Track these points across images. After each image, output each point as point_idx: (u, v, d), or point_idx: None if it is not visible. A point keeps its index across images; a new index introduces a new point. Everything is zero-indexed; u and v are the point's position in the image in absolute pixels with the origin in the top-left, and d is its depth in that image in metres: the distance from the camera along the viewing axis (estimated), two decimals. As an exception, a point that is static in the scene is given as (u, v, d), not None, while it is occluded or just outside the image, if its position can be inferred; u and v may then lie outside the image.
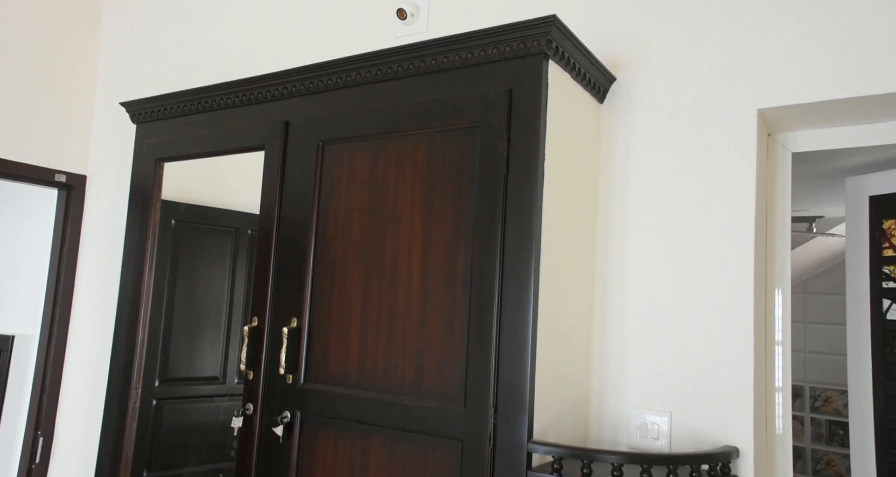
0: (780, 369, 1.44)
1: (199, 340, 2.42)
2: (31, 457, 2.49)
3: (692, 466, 1.21)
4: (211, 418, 2.45)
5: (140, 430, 2.05)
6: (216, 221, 2.57)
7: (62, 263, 2.63)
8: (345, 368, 1.52)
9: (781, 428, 1.40)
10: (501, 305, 1.32)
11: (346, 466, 1.47)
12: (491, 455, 1.28)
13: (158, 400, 2.23)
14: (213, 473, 2.36)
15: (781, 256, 1.46)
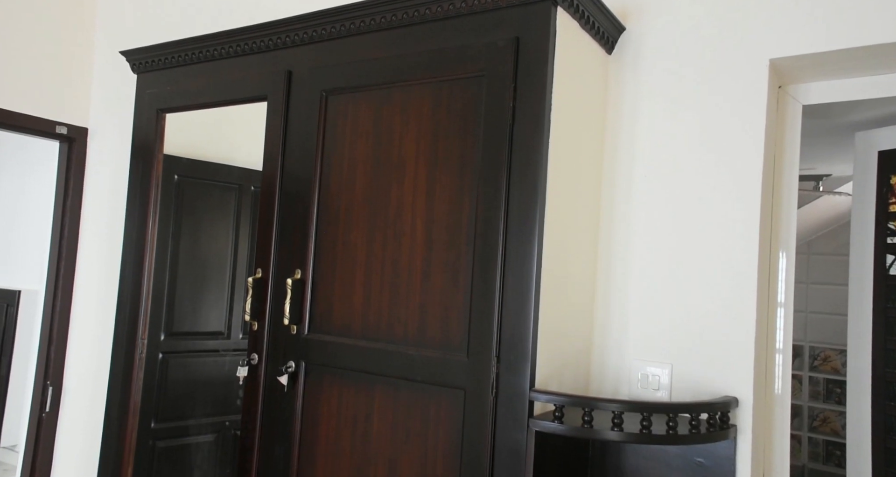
0: (781, 331, 1.44)
1: (204, 296, 2.44)
2: (41, 406, 2.54)
3: (692, 415, 1.23)
4: (216, 372, 2.49)
5: (146, 382, 2.08)
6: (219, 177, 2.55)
7: (65, 217, 2.63)
8: (349, 319, 1.53)
9: (780, 388, 1.42)
10: (505, 257, 1.32)
11: (351, 414, 1.49)
12: (493, 403, 1.30)
13: (164, 353, 2.26)
14: (218, 424, 2.41)
15: (787, 215, 1.45)
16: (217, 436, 2.45)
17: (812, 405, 3.40)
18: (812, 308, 3.41)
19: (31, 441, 2.57)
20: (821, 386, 3.39)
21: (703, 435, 1.23)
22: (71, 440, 2.52)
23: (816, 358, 3.40)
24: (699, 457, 1.34)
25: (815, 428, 3.39)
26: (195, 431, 2.40)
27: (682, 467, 1.36)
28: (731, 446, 1.30)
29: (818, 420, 3.39)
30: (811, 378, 3.41)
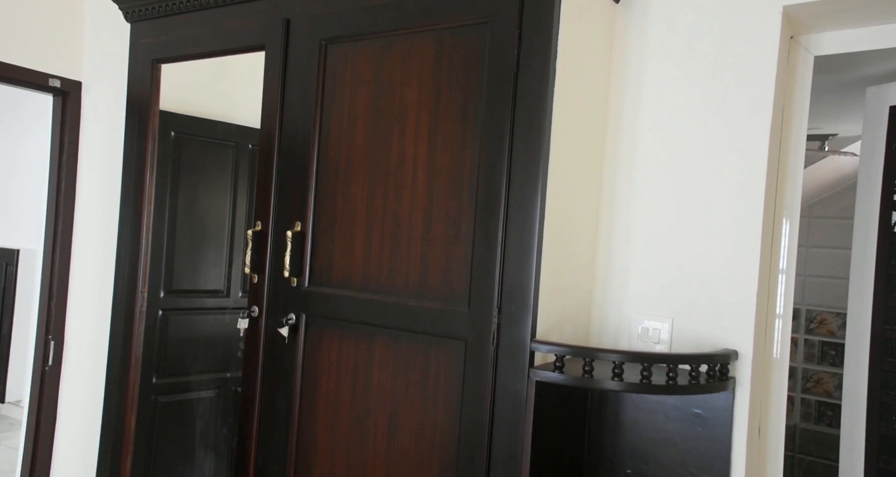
0: (781, 296, 1.44)
1: (203, 254, 2.43)
2: (43, 360, 2.55)
3: (691, 366, 1.23)
4: (216, 330, 2.50)
5: (147, 338, 2.09)
6: (216, 134, 2.52)
7: (61, 173, 2.60)
8: (349, 272, 1.52)
9: (779, 353, 1.42)
10: (508, 208, 1.31)
11: (351, 365, 1.50)
12: (494, 354, 1.30)
13: (164, 311, 2.27)
14: (219, 381, 2.44)
15: (793, 176, 1.42)
16: (218, 392, 2.48)
17: (806, 367, 3.44)
18: (810, 272, 3.41)
19: (34, 395, 2.60)
20: (816, 348, 3.41)
21: (703, 386, 1.24)
22: (74, 394, 2.54)
23: (813, 321, 3.42)
24: (697, 408, 1.35)
25: (808, 389, 3.43)
26: (196, 387, 2.42)
27: (680, 419, 1.37)
28: (730, 398, 1.31)
29: (812, 381, 3.42)
30: (806, 341, 3.44)
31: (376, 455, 1.44)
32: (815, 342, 3.42)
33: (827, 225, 3.35)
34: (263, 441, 1.62)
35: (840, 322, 3.33)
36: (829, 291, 3.35)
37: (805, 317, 3.43)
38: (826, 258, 3.35)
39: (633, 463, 1.43)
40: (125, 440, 1.97)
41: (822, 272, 3.37)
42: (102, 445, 2.00)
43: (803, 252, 3.38)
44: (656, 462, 1.40)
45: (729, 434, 1.32)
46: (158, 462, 2.18)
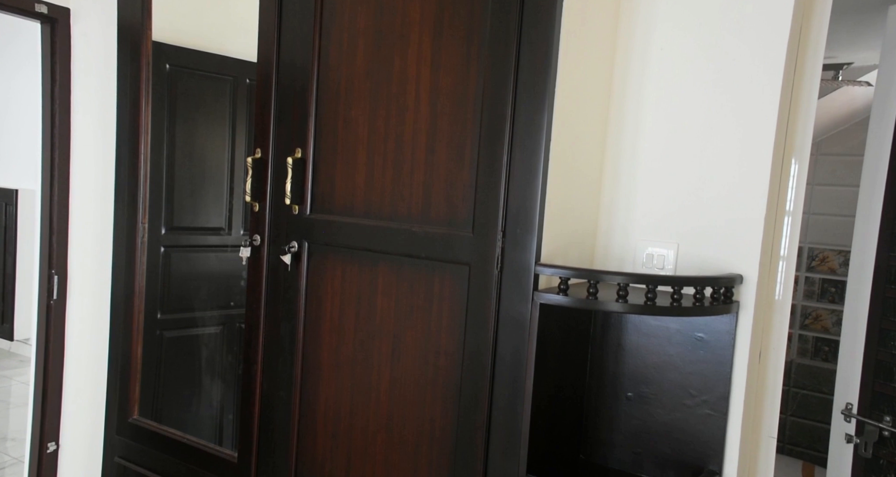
0: (786, 238, 1.41)
1: (203, 192, 2.41)
2: (48, 295, 2.57)
3: (696, 288, 1.23)
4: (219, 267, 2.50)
5: (150, 274, 2.10)
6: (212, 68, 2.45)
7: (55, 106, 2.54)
8: (351, 198, 1.50)
9: (781, 294, 1.41)
10: (513, 131, 1.28)
11: (354, 291, 1.50)
12: (498, 278, 1.29)
13: (166, 247, 2.26)
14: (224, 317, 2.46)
15: (806, 108, 1.37)
16: (223, 328, 2.51)
17: (805, 304, 3.47)
18: (815, 210, 3.40)
19: (41, 329, 2.62)
20: (816, 286, 3.44)
21: (707, 308, 1.24)
22: (80, 327, 2.57)
23: (814, 259, 3.43)
24: (699, 332, 1.36)
25: (806, 326, 3.47)
26: (201, 323, 2.45)
27: (682, 343, 1.38)
28: (732, 322, 1.32)
29: (810, 318, 3.46)
30: (807, 278, 3.45)
31: (380, 379, 1.46)
32: (815, 280, 3.44)
33: (835, 162, 3.31)
34: (269, 367, 1.64)
35: (842, 260, 3.34)
36: (833, 229, 3.34)
37: (807, 254, 3.43)
38: (831, 196, 3.33)
39: (634, 387, 1.45)
40: (132, 370, 2.00)
41: (827, 210, 3.35)
42: (110, 375, 2.03)
43: (809, 190, 3.36)
44: (657, 385, 1.42)
45: (730, 357, 1.33)
46: (166, 391, 2.22)
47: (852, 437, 1.61)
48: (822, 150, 3.33)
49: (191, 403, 2.34)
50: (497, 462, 1.30)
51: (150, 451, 1.92)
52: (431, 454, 1.39)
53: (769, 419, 1.41)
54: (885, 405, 1.57)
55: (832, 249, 3.36)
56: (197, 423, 2.35)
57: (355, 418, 1.50)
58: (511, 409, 1.28)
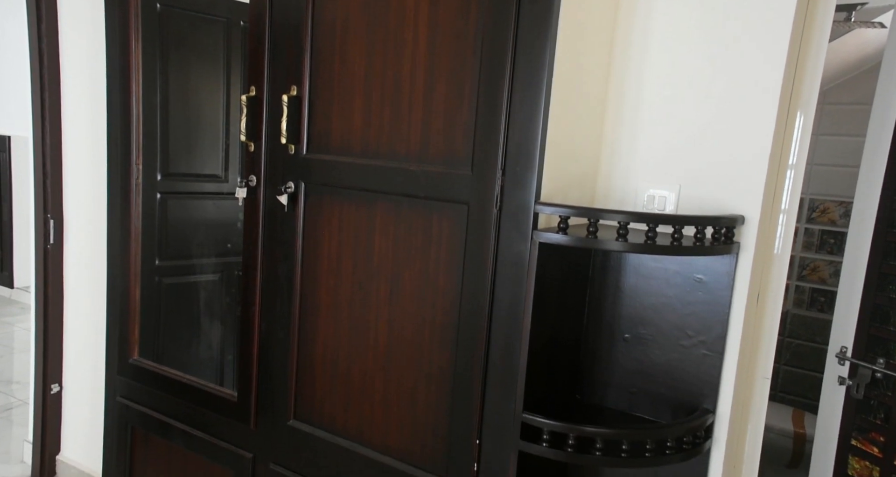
0: (788, 191, 1.39)
1: (198, 138, 2.37)
2: (45, 239, 2.56)
3: (697, 228, 1.22)
4: (216, 215, 2.48)
5: (147, 221, 2.08)
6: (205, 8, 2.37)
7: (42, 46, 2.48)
8: (348, 138, 1.47)
9: (780, 248, 1.39)
10: (514, 66, 1.24)
11: (352, 232, 1.49)
12: (497, 217, 1.28)
13: (162, 194, 2.24)
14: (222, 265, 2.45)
15: (817, 49, 1.32)
16: (221, 275, 2.51)
17: (804, 255, 3.47)
18: (818, 161, 3.36)
19: (39, 273, 2.63)
20: (815, 237, 3.43)
21: (707, 248, 1.23)
22: (78, 271, 2.57)
23: (815, 210, 3.41)
24: (698, 274, 1.35)
25: (803, 277, 3.48)
26: (199, 270, 2.44)
27: (681, 284, 1.38)
28: (732, 263, 1.31)
29: (808, 269, 3.47)
30: (807, 230, 3.44)
31: (378, 319, 1.46)
32: (814, 231, 3.43)
33: (841, 112, 3.25)
34: (267, 308, 1.65)
35: (842, 211, 3.32)
36: (835, 180, 3.31)
37: (808, 206, 3.41)
38: (835, 146, 3.28)
39: (631, 328, 1.45)
40: (131, 311, 2.00)
41: (830, 161, 3.31)
42: (109, 317, 2.04)
43: (812, 140, 3.31)
44: (655, 326, 1.42)
45: (728, 299, 1.32)
46: (167, 335, 2.24)
47: (845, 379, 1.63)
48: (829, 100, 3.27)
49: (191, 346, 2.37)
50: (494, 401, 1.32)
51: (151, 391, 1.94)
52: (429, 394, 1.41)
53: (764, 360, 1.42)
54: (879, 348, 1.58)
55: (833, 200, 3.34)
56: (197, 364, 2.37)
57: (353, 358, 1.51)
58: (509, 348, 1.29)
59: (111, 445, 2.06)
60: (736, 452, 1.42)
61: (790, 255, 1.39)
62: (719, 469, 1.36)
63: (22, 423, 3.32)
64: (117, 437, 2.04)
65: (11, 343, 4.65)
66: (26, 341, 4.49)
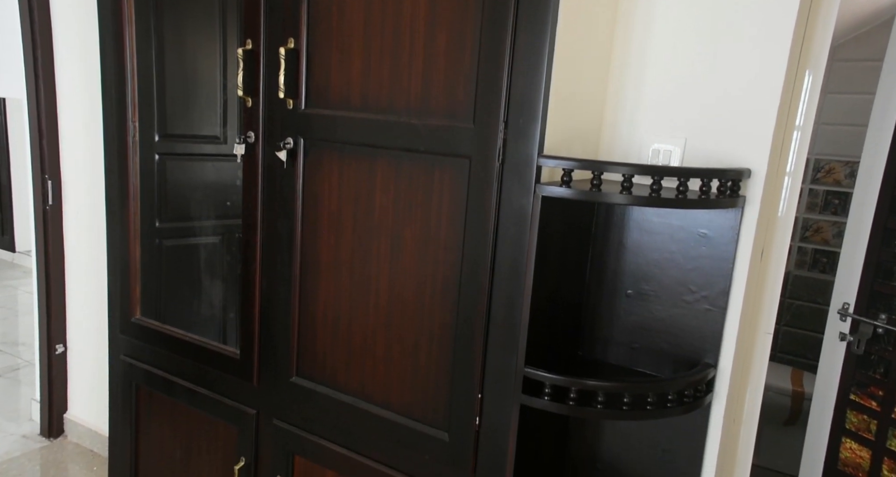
0: (794, 154, 1.36)
1: (195, 99, 2.33)
2: (43, 199, 2.55)
3: (703, 180, 1.20)
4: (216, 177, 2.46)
5: (146, 183, 2.05)
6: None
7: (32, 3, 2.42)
8: (347, 91, 1.44)
9: (784, 211, 1.37)
10: (517, 13, 1.20)
11: (352, 188, 1.47)
12: (499, 171, 1.26)
13: (160, 155, 2.21)
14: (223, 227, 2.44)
15: (828, 2, 1.27)
16: (222, 238, 2.49)
17: (807, 216, 3.45)
18: (824, 120, 3.31)
19: (40, 234, 2.62)
20: (819, 198, 3.40)
21: (712, 201, 1.21)
22: (78, 232, 2.57)
23: (820, 170, 3.37)
24: (703, 228, 1.34)
25: (806, 238, 3.47)
26: (199, 232, 2.43)
27: (685, 239, 1.37)
28: (737, 217, 1.29)
29: (811, 230, 3.45)
30: (811, 190, 3.41)
31: (380, 275, 1.46)
32: (819, 192, 3.40)
33: (850, 69, 3.19)
34: (267, 266, 1.64)
35: (848, 171, 3.29)
36: (842, 139, 3.26)
37: (813, 166, 3.38)
38: (842, 104, 3.23)
39: (634, 284, 1.45)
40: (132, 270, 2.00)
41: (837, 120, 3.26)
42: (110, 276, 2.04)
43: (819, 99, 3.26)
44: (657, 282, 1.41)
45: (733, 254, 1.31)
46: (168, 296, 2.24)
47: (846, 335, 1.63)
48: (839, 56, 3.20)
49: (192, 306, 2.37)
50: (496, 356, 1.32)
51: (154, 349, 1.95)
52: (431, 349, 1.41)
53: (767, 316, 1.41)
54: (881, 304, 1.58)
55: (839, 159, 3.30)
56: (200, 323, 2.38)
57: (355, 315, 1.51)
58: (511, 303, 1.28)
59: (116, 403, 2.09)
60: (736, 405, 1.43)
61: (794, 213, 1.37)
62: (719, 422, 1.37)
63: (29, 383, 3.36)
64: (122, 395, 2.06)
65: (15, 306, 4.68)
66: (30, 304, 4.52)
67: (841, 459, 1.64)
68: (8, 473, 2.58)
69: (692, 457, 1.41)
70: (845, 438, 1.64)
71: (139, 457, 2.07)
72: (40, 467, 2.63)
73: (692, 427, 1.40)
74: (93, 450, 2.77)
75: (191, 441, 1.92)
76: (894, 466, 1.54)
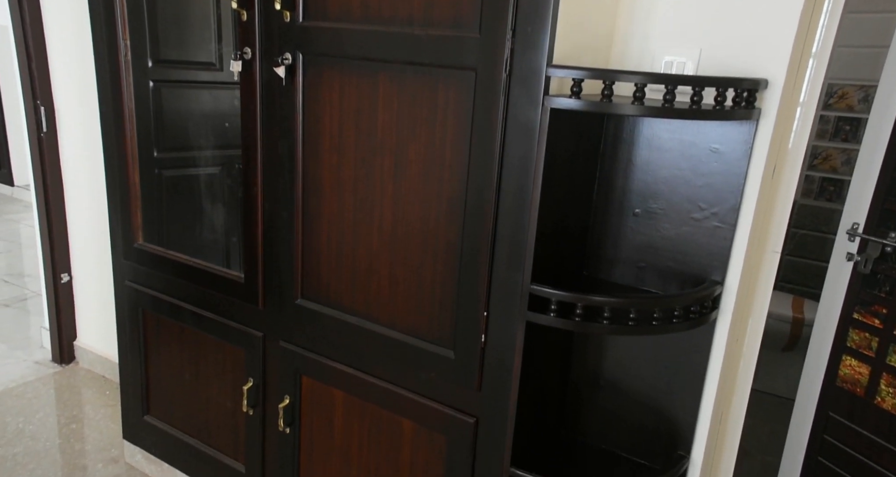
0: (813, 60, 1.29)
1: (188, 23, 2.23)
2: (37, 126, 2.49)
3: (718, 90, 1.15)
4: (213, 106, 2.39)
5: (142, 111, 2.00)
6: None
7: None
8: (347, 1, 1.37)
9: (799, 126, 1.31)
10: None
11: (354, 106, 1.42)
12: (506, 82, 1.21)
13: (155, 82, 2.14)
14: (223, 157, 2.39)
15: None
16: (222, 168, 2.46)
17: (817, 144, 3.39)
18: (840, 42, 3.19)
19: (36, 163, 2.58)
20: (830, 124, 3.33)
21: (727, 112, 1.17)
22: (76, 160, 2.53)
23: (832, 95, 3.29)
24: (715, 144, 1.30)
25: (814, 166, 3.42)
26: (199, 162, 2.39)
27: (696, 155, 1.33)
28: (751, 131, 1.25)
29: (819, 158, 3.40)
30: (822, 117, 3.34)
31: (383, 195, 1.43)
32: (830, 118, 3.33)
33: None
34: (269, 188, 1.61)
35: (862, 95, 3.20)
36: (857, 62, 3.16)
37: (826, 91, 3.29)
38: (860, 25, 3.11)
39: (642, 203, 1.42)
40: (132, 196, 1.98)
41: (853, 42, 3.15)
42: (110, 203, 2.02)
43: (837, 20, 3.13)
44: (666, 200, 1.39)
45: (745, 169, 1.28)
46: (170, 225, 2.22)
47: (853, 255, 1.62)
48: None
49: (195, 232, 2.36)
50: (502, 274, 1.31)
51: (158, 274, 1.96)
52: (436, 269, 1.40)
53: (776, 234, 1.40)
54: (891, 222, 1.56)
55: (853, 84, 3.21)
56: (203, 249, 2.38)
57: (359, 236, 1.49)
58: (517, 220, 1.26)
59: (124, 329, 2.11)
60: (741, 323, 1.43)
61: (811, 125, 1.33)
62: (723, 340, 1.38)
63: (38, 312, 3.41)
64: (129, 320, 2.08)
65: (19, 239, 4.69)
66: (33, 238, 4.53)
67: (840, 375, 1.66)
68: (24, 395, 2.64)
69: (694, 375, 1.42)
70: (846, 355, 1.66)
71: (149, 381, 2.11)
72: (55, 391, 2.70)
73: (696, 345, 1.41)
74: (104, 376, 2.83)
75: (199, 364, 1.95)
76: (891, 381, 1.56)
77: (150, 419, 2.14)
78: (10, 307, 3.47)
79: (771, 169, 1.33)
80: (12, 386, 2.70)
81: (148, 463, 2.21)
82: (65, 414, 2.55)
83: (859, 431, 1.63)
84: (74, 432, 2.44)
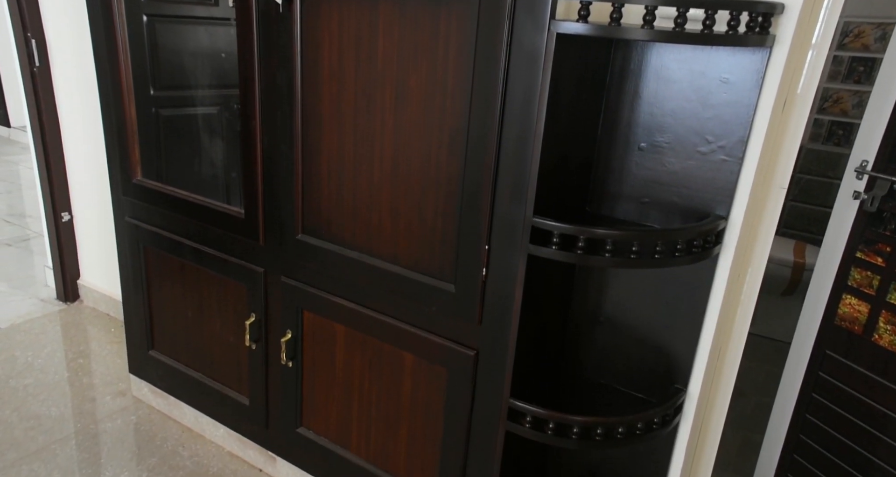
0: (825, 9, 1.22)
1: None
2: (29, 60, 2.43)
3: (732, 14, 1.11)
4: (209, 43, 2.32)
5: (136, 47, 1.94)
6: None
7: None
8: (345, -80, 1.31)
9: (818, 43, 1.26)
10: None
11: (353, 33, 1.38)
12: (511, 6, 1.16)
13: (149, 16, 2.07)
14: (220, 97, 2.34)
15: None
16: (220, 108, 2.41)
17: (828, 86, 3.31)
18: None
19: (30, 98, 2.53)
20: (843, 65, 3.24)
21: (741, 37, 1.13)
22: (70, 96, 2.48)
23: (848, 35, 3.19)
24: (726, 73, 1.26)
25: (823, 109, 3.36)
26: (196, 102, 2.34)
27: (705, 86, 1.29)
28: (764, 59, 1.21)
29: (830, 102, 3.33)
30: (835, 58, 3.25)
31: (384, 127, 1.40)
32: (843, 59, 3.24)
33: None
34: (268, 121, 1.58)
35: (879, 34, 3.10)
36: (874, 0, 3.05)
37: (841, 31, 3.18)
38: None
39: (647, 137, 1.39)
40: (129, 131, 1.95)
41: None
42: (108, 138, 1.99)
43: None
44: (672, 133, 1.36)
45: (755, 100, 1.25)
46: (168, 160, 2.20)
47: (860, 193, 1.60)
48: None
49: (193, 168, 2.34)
50: (504, 205, 1.29)
51: (158, 210, 1.95)
52: (437, 202, 1.38)
53: (783, 170, 1.37)
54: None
55: (871, 21, 3.11)
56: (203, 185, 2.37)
57: (359, 169, 1.47)
58: (520, 151, 1.24)
59: (126, 265, 2.12)
60: (743, 259, 1.43)
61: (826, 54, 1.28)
62: (725, 275, 1.38)
63: (40, 252, 3.42)
64: (131, 256, 2.09)
65: (18, 181, 4.67)
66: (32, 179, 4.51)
67: (838, 314, 1.67)
68: (31, 331, 2.68)
69: (694, 311, 1.43)
70: (846, 294, 1.66)
71: (153, 317, 2.13)
72: (61, 328, 2.74)
73: (697, 281, 1.41)
74: (109, 314, 2.86)
75: (202, 300, 1.96)
76: (890, 318, 1.57)
77: (154, 354, 2.17)
78: (12, 247, 3.49)
79: (782, 100, 1.29)
80: (19, 322, 2.74)
81: (154, 396, 2.26)
82: (72, 349, 2.59)
83: (854, 368, 1.65)
84: (82, 367, 2.49)
